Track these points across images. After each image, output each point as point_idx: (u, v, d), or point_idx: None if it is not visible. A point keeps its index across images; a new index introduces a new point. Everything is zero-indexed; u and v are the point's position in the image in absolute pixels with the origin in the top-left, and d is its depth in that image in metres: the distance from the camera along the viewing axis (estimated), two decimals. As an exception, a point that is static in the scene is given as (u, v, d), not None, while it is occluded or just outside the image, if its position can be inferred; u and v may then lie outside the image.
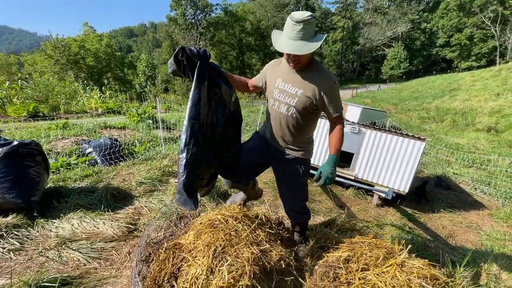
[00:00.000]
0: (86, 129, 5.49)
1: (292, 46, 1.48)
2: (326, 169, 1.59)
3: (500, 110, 12.45)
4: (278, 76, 1.73)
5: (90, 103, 11.12)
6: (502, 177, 5.36)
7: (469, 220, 3.93)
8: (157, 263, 1.74)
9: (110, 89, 13.84)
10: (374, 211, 3.91)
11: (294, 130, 1.75)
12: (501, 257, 2.79)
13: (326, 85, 1.62)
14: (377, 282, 1.58)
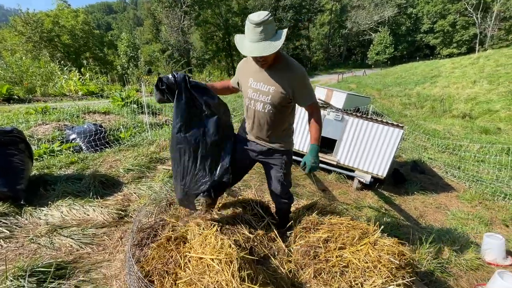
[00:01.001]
0: (67, 114, 5.32)
1: (258, 49, 1.52)
2: (309, 159, 1.72)
3: (475, 97, 13.08)
4: (249, 76, 1.78)
5: (69, 85, 10.61)
6: (471, 161, 5.79)
7: (438, 201, 4.29)
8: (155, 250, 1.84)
9: (90, 71, 13.19)
10: (354, 194, 4.16)
11: (273, 125, 1.82)
12: (463, 234, 3.12)
13: (295, 77, 1.69)
14: (352, 259, 1.77)
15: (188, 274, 1.51)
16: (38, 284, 1.71)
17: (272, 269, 1.74)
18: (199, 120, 1.68)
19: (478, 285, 2.43)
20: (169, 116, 7.01)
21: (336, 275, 1.72)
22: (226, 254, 1.46)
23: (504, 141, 7.63)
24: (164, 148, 4.42)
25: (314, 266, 1.77)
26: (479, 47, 36.51)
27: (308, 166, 1.71)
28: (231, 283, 1.33)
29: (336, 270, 1.74)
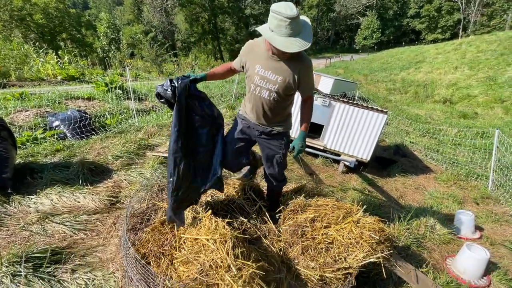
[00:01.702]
0: (48, 100, 5.12)
1: (293, 45, 1.50)
2: (297, 143, 1.84)
3: (456, 82, 13.53)
4: (257, 62, 1.76)
5: (46, 69, 10.06)
6: (449, 145, 6.11)
7: (418, 182, 4.55)
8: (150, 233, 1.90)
9: (68, 53, 12.50)
10: (339, 178, 4.34)
11: (275, 111, 1.89)
12: (438, 212, 3.36)
13: (303, 69, 1.73)
14: (336, 236, 1.91)
15: (184, 254, 1.59)
16: (35, 269, 1.74)
17: (263, 248, 1.85)
18: (195, 130, 1.72)
19: (448, 257, 2.67)
20: (155, 102, 6.87)
21: (321, 251, 1.85)
22: (221, 234, 1.54)
23: (480, 125, 8.05)
24: (153, 135, 4.39)
25: (302, 244, 1.89)
26: (462, 33, 37.24)
27: (296, 150, 1.84)
28: (226, 260, 1.42)
29: (321, 246, 1.87)
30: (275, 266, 1.76)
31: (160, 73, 15.70)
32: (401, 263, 2.07)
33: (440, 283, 2.20)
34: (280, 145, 2.00)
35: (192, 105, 1.69)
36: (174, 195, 1.67)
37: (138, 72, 12.38)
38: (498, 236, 3.15)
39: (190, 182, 1.73)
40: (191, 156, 1.71)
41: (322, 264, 1.78)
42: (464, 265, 2.42)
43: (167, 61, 19.39)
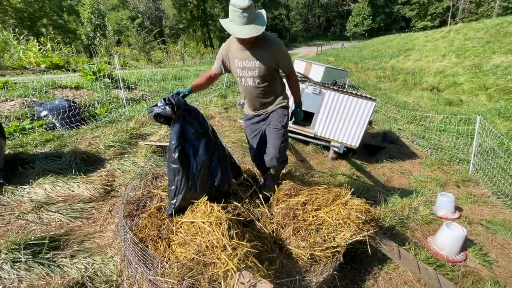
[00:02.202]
0: (33, 90, 4.97)
1: (246, 31, 1.72)
2: (297, 111, 2.15)
3: (443, 70, 13.79)
4: (235, 58, 1.98)
5: (28, 57, 9.64)
6: (434, 131, 6.33)
7: (404, 167, 4.74)
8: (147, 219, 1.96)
9: (51, 40, 11.99)
10: (329, 164, 4.47)
11: (266, 95, 2.10)
12: (421, 195, 3.55)
13: (273, 48, 1.92)
14: (326, 217, 2.02)
15: (181, 237, 1.67)
16: (34, 255, 1.79)
17: (256, 230, 1.94)
18: (191, 143, 1.81)
19: (429, 235, 2.86)
20: (145, 91, 6.78)
21: (312, 232, 1.96)
22: (216, 217, 1.62)
23: (465, 111, 8.33)
24: (144, 124, 4.37)
25: (293, 225, 2.00)
26: (451, 20, 37.54)
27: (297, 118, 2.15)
28: (221, 240, 1.50)
29: (312, 227, 1.98)
30: (268, 246, 1.87)
31: (149, 61, 15.30)
32: (385, 241, 2.21)
33: (421, 258, 2.37)
34: (278, 118, 2.13)
35: (187, 119, 1.80)
36: (174, 202, 1.82)
37: (126, 60, 12.03)
38: (476, 216, 3.37)
39: (189, 190, 1.82)
40: (188, 167, 1.80)
41: (312, 243, 1.89)
42: (443, 242, 2.60)
43: (155, 49, 18.86)
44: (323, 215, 2.05)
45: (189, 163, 1.80)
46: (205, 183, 1.88)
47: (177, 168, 1.75)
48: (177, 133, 1.73)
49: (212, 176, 1.91)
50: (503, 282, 2.32)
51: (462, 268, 2.45)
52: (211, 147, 1.89)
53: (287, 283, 1.62)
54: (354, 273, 2.21)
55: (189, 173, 1.80)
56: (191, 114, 1.83)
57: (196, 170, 1.82)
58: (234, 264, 1.45)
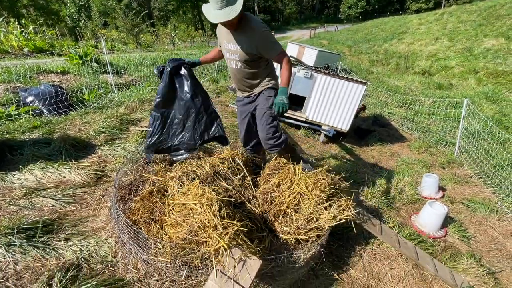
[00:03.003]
0: (17, 74, 4.81)
1: (221, 15, 1.71)
2: (278, 98, 1.85)
3: (435, 54, 13.79)
4: (223, 38, 2.02)
5: (9, 40, 9.22)
6: (423, 115, 6.44)
7: (392, 150, 4.86)
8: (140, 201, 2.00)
9: (32, 22, 11.43)
10: (320, 147, 4.55)
11: (250, 79, 2.10)
12: (408, 176, 3.68)
13: (257, 34, 1.86)
14: (298, 189, 2.02)
15: (173, 218, 1.72)
16: (28, 239, 1.82)
17: (247, 211, 2.01)
18: (172, 100, 2.17)
19: (413, 214, 3.00)
20: (134, 75, 6.62)
21: (292, 215, 1.95)
22: (207, 199, 1.67)
23: (454, 95, 8.45)
24: (134, 110, 4.32)
25: (272, 211, 2.01)
26: (445, 2, 37.09)
27: (277, 105, 1.82)
28: (213, 220, 1.56)
29: (290, 210, 1.99)
30: (258, 226, 1.94)
31: (138, 45, 14.80)
32: (368, 219, 2.32)
33: (403, 235, 2.51)
34: (265, 100, 2.08)
35: (174, 81, 2.13)
36: (150, 140, 2.20)
37: (114, 44, 11.62)
38: (458, 195, 3.53)
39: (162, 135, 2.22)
40: (166, 118, 2.20)
41: (296, 228, 1.88)
42: (425, 219, 2.74)
43: (144, 32, 18.18)
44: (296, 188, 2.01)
45: (168, 116, 2.19)
46: (176, 135, 2.23)
47: (157, 116, 2.17)
48: (161, 90, 2.11)
49: (185, 132, 2.22)
50: (479, 255, 2.49)
51: (442, 243, 2.61)
52: (189, 109, 2.16)
53: (275, 260, 1.70)
54: (340, 250, 2.33)
55: (166, 123, 2.20)
56: (179, 78, 2.14)
57: (172, 123, 2.20)
58: (225, 242, 1.52)
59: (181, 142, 2.24)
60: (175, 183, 2.09)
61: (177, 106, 2.17)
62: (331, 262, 2.20)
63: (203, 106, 2.20)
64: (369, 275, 2.14)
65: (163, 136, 2.22)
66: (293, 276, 1.91)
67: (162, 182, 2.18)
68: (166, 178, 2.20)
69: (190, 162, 2.26)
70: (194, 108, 2.16)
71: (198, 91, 2.18)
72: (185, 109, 2.16)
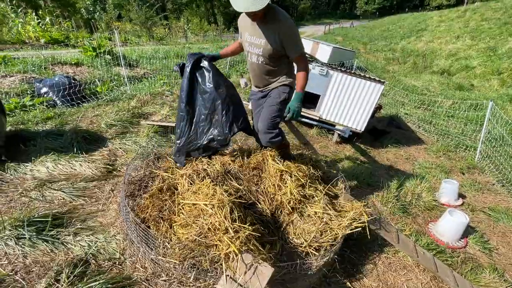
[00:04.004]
0: (33, 65, 4.87)
1: (246, 4, 1.59)
2: (293, 104, 1.86)
3: (456, 53, 13.25)
4: (246, 30, 1.92)
5: (27, 31, 9.40)
6: (442, 116, 6.18)
7: (408, 153, 4.68)
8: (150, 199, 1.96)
9: (49, 14, 11.61)
10: (333, 147, 4.42)
11: (269, 75, 2.02)
12: (425, 181, 3.51)
13: (282, 30, 1.77)
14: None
15: (183, 218, 1.66)
16: (38, 232, 1.81)
17: (258, 213, 1.93)
18: (197, 97, 2.07)
19: (430, 221, 2.86)
20: (147, 68, 6.61)
21: (303, 227, 1.86)
22: (218, 200, 1.60)
23: (475, 97, 8.08)
24: (146, 103, 4.30)
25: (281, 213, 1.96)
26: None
27: (292, 111, 1.83)
28: (224, 223, 1.49)
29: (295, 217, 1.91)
30: (269, 229, 1.87)
31: (151, 38, 14.86)
32: (385, 226, 2.21)
33: (421, 244, 2.38)
34: (277, 94, 2.03)
35: (197, 76, 2.05)
36: (179, 143, 2.12)
37: (127, 36, 11.68)
38: (479, 204, 3.34)
39: (191, 135, 2.12)
40: (192, 116, 2.10)
41: (309, 240, 1.80)
42: (444, 228, 2.60)
43: (157, 25, 18.23)
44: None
45: (193, 113, 2.09)
46: (205, 133, 2.12)
47: (183, 115, 2.08)
48: (184, 86, 2.03)
49: (213, 127, 2.11)
50: (502, 269, 2.34)
51: (461, 254, 2.46)
52: (214, 101, 2.05)
53: (287, 267, 1.63)
54: (354, 256, 2.23)
55: (193, 121, 2.10)
56: (200, 71, 2.05)
57: (199, 120, 2.09)
58: (236, 246, 1.45)
59: (211, 139, 2.11)
60: (185, 181, 2.03)
61: (201, 101, 2.06)
62: (343, 269, 2.10)
63: (228, 96, 2.06)
64: (383, 285, 2.04)
65: (191, 136, 2.11)
66: (304, 283, 1.83)
67: (172, 179, 2.14)
68: (176, 175, 2.15)
69: (200, 160, 2.20)
70: (219, 99, 2.02)
71: (221, 81, 2.07)
72: (210, 102, 2.04)
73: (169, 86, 5.40)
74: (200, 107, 2.07)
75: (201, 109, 2.07)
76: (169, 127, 3.36)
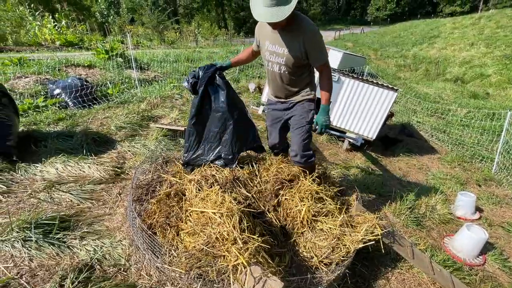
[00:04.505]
0: (47, 67, 4.97)
1: (268, 15, 1.53)
2: (320, 118, 1.85)
3: (470, 60, 12.96)
4: (266, 39, 1.83)
5: (43, 33, 9.68)
6: (456, 126, 6.00)
7: (421, 163, 4.54)
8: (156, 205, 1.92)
9: (65, 17, 11.95)
10: (343, 155, 4.32)
11: (291, 85, 1.93)
12: (439, 193, 3.38)
13: (306, 38, 1.69)
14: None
15: (190, 226, 1.62)
16: (44, 235, 1.79)
17: (267, 223, 1.87)
18: (207, 114, 2.07)
19: (446, 236, 2.73)
20: (157, 72, 6.68)
21: (315, 241, 1.81)
22: (227, 209, 1.55)
23: (491, 106, 7.84)
24: (156, 106, 4.31)
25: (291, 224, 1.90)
26: (482, 6, 34.89)
27: (320, 125, 1.83)
28: (232, 233, 1.44)
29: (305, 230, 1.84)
30: (278, 240, 1.80)
31: (162, 42, 15.09)
32: (399, 240, 2.11)
33: (436, 260, 2.26)
34: (304, 113, 1.96)
35: (209, 93, 2.00)
36: (186, 156, 2.14)
37: (139, 40, 11.89)
38: (497, 218, 3.19)
39: (198, 151, 2.13)
40: (201, 133, 2.10)
41: (319, 255, 1.74)
42: (461, 244, 2.47)
43: (169, 29, 18.53)
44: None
45: (203, 130, 2.10)
46: (213, 150, 2.12)
47: (192, 131, 2.09)
48: (196, 104, 2.00)
49: (222, 146, 2.11)
50: (524, 290, 2.20)
51: (480, 272, 2.33)
52: (226, 121, 2.05)
53: (297, 281, 1.56)
54: (365, 270, 2.14)
55: (201, 138, 2.11)
56: (213, 88, 2.01)
57: (208, 137, 2.09)
58: (244, 258, 1.39)
59: (218, 156, 2.10)
60: (193, 186, 1.99)
61: (213, 119, 2.04)
62: (354, 283, 2.01)
63: (239, 116, 2.07)
64: (397, 303, 1.93)
65: (199, 151, 2.12)
66: (314, 298, 1.75)
67: (180, 185, 2.10)
68: (184, 180, 2.11)
69: (209, 165, 2.16)
70: (231, 119, 2.02)
71: (235, 101, 2.06)
72: (221, 121, 2.02)
73: (179, 89, 5.42)
74: (210, 125, 2.06)
75: (212, 126, 2.05)
76: (178, 131, 3.35)
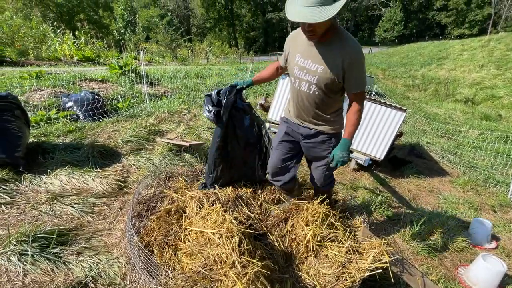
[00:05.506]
0: (63, 81, 5.16)
1: (307, 15, 1.25)
2: (337, 153, 1.55)
3: (480, 82, 12.84)
4: (297, 52, 1.58)
5: (63, 49, 10.19)
6: (468, 147, 5.83)
7: (432, 185, 4.38)
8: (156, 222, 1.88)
9: (85, 34, 12.59)
10: (350, 175, 4.22)
11: (319, 108, 1.65)
12: (452, 218, 3.22)
13: (349, 57, 1.43)
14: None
15: (188, 246, 1.56)
16: (41, 249, 1.76)
17: (269, 245, 1.79)
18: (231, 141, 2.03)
19: (460, 265, 2.56)
20: (167, 87, 6.85)
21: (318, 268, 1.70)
22: (227, 229, 1.50)
23: (504, 128, 7.64)
24: (163, 121, 4.37)
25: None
26: (491, 29, 35.09)
27: (335, 160, 1.55)
28: (231, 256, 1.37)
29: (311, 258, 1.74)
30: (280, 264, 1.71)
31: (174, 59, 15.64)
32: (408, 269, 1.98)
33: (451, 293, 2.11)
34: (327, 148, 1.76)
35: (235, 117, 1.97)
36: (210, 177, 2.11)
37: (152, 56, 12.34)
38: (516, 248, 2.99)
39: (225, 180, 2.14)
40: (226, 159, 2.06)
41: (324, 284, 1.65)
42: (477, 276, 2.31)
43: (181, 46, 19.26)
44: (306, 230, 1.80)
45: (227, 157, 2.07)
46: (237, 171, 2.17)
47: (218, 161, 2.04)
48: (220, 132, 1.95)
49: (246, 168, 2.18)
50: (550, 331, 2.01)
51: (499, 308, 2.15)
52: (250, 145, 2.09)
53: (298, 311, 1.46)
54: (372, 301, 2.00)
55: (227, 165, 2.09)
56: (235, 112, 1.97)
57: (233, 163, 2.10)
58: (242, 284, 1.32)
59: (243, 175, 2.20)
60: (194, 204, 1.96)
61: (236, 144, 2.05)
62: (360, 315, 1.87)
63: (263, 138, 2.09)
64: None
65: (224, 176, 2.13)
66: (316, 331, 1.63)
67: (181, 201, 2.07)
68: (185, 197, 2.08)
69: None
70: (257, 144, 2.07)
71: (258, 125, 2.10)
72: (245, 145, 2.07)
73: (187, 104, 5.51)
74: (235, 149, 2.06)
75: (236, 151, 2.06)
76: (182, 146, 3.36)
